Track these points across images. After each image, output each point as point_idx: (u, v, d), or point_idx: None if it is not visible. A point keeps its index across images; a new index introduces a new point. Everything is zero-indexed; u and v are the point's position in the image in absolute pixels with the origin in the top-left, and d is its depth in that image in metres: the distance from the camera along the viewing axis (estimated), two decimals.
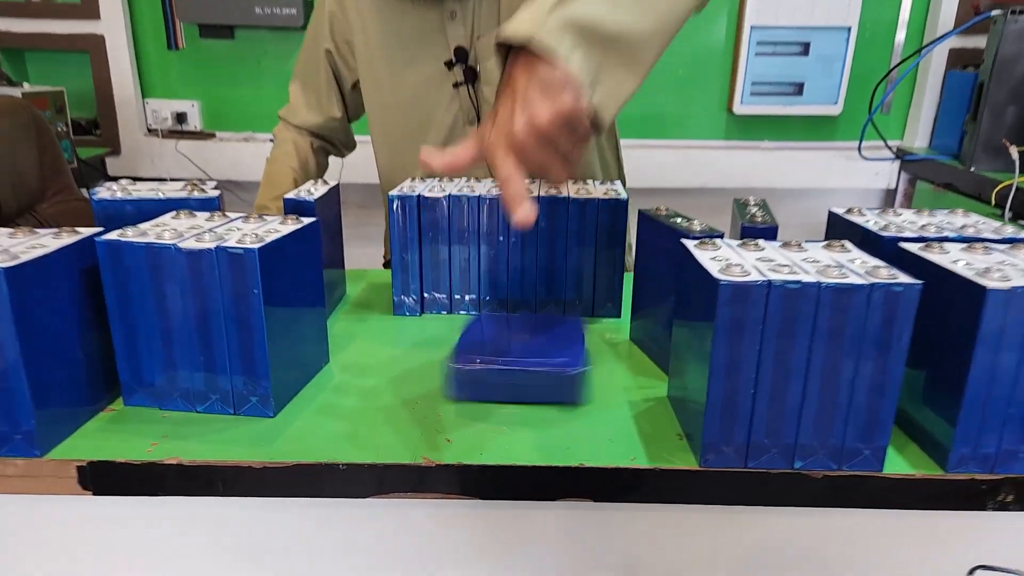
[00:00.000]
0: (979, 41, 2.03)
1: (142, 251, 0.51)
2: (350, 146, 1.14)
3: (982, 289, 0.43)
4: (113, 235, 0.52)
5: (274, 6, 1.90)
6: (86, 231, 0.54)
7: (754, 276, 0.44)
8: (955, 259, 0.49)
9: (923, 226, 0.59)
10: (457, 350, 0.57)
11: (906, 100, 2.23)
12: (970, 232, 0.58)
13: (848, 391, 0.45)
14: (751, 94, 2.14)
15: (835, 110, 2.15)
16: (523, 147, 0.53)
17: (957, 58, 2.11)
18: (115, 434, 0.51)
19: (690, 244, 0.52)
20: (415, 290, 0.76)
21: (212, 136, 2.13)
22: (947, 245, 0.52)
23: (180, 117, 2.11)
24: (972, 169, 1.80)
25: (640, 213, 0.67)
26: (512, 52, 0.56)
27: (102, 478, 0.48)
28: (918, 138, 2.20)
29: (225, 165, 2.08)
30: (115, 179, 0.71)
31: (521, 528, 0.51)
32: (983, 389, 0.45)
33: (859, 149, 1.98)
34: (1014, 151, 1.65)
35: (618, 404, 0.56)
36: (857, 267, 0.47)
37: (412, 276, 0.75)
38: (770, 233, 0.61)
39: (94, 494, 0.48)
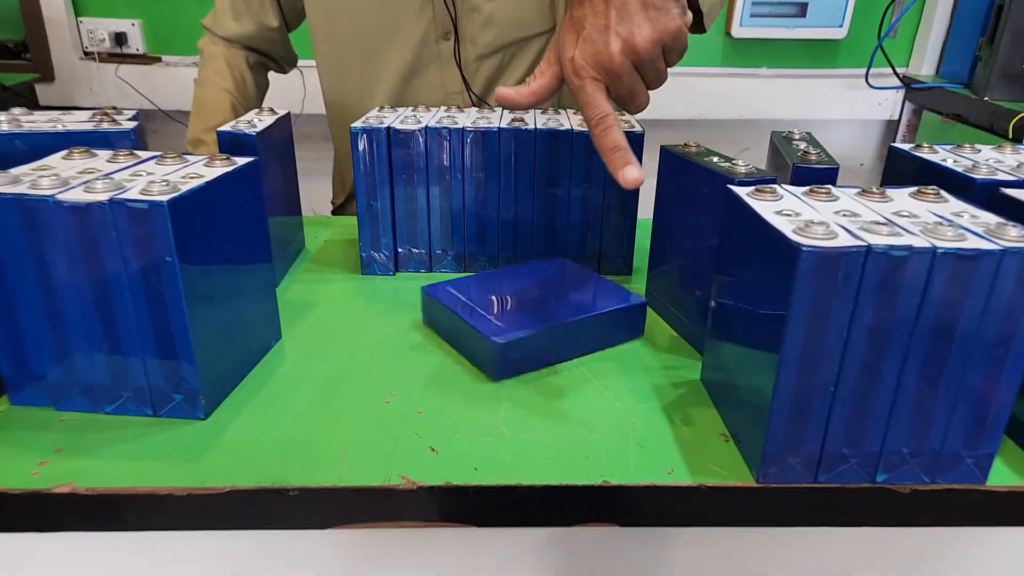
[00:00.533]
0: None
1: (11, 205, 0.38)
2: (291, 60, 0.97)
3: None
4: None
5: None
6: None
7: (844, 239, 0.33)
8: None
9: (1017, 166, 0.48)
10: (478, 325, 0.47)
11: (913, 23, 2.08)
12: None
13: (954, 387, 0.35)
14: (751, 15, 1.97)
15: (840, 33, 1.99)
16: (617, 73, 0.45)
17: None
18: None
19: (742, 192, 0.40)
20: (387, 245, 0.63)
21: (157, 60, 1.90)
22: None
23: (119, 38, 1.87)
24: (986, 98, 1.68)
25: (663, 151, 0.54)
26: None
27: None
28: (924, 64, 2.06)
29: (173, 93, 1.87)
30: (48, 111, 0.56)
31: (531, 562, 0.41)
32: None
33: (866, 77, 1.84)
34: None
35: (642, 392, 0.45)
36: (970, 223, 0.35)
37: (383, 228, 0.62)
38: (830, 176, 0.49)
39: None
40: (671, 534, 0.40)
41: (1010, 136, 1.52)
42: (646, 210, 0.62)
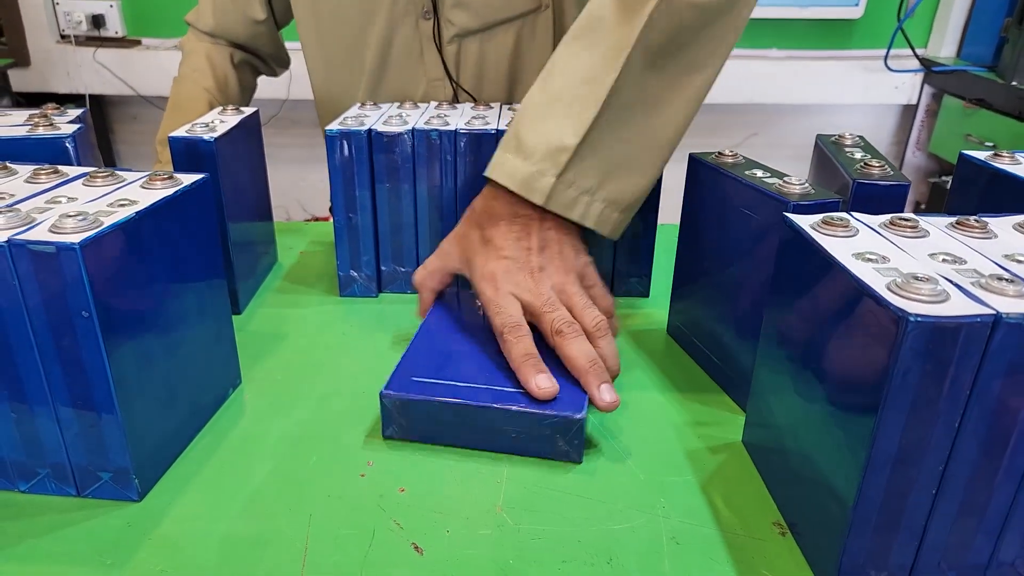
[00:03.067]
0: None
1: None
2: (281, 61, 0.88)
3: None
4: None
5: None
6: None
7: (960, 302, 0.25)
8: None
9: None
10: (398, 367, 0.39)
11: (932, 1, 1.98)
12: None
13: None
14: None
15: (855, 13, 1.89)
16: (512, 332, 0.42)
17: None
18: None
19: (805, 224, 0.32)
20: (369, 263, 0.55)
21: (137, 43, 1.80)
22: None
23: (97, 20, 1.77)
24: (1014, 83, 1.58)
25: (692, 160, 0.46)
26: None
27: None
28: (944, 46, 1.96)
29: (153, 78, 1.77)
30: (21, 97, 0.49)
31: None
32: None
33: (885, 59, 1.75)
34: None
35: (674, 459, 0.38)
36: None
37: (364, 244, 0.54)
38: (900, 196, 0.40)
39: None
40: None
41: None
42: (667, 215, 0.55)
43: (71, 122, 0.49)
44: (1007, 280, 0.26)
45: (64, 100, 1.78)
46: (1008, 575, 0.29)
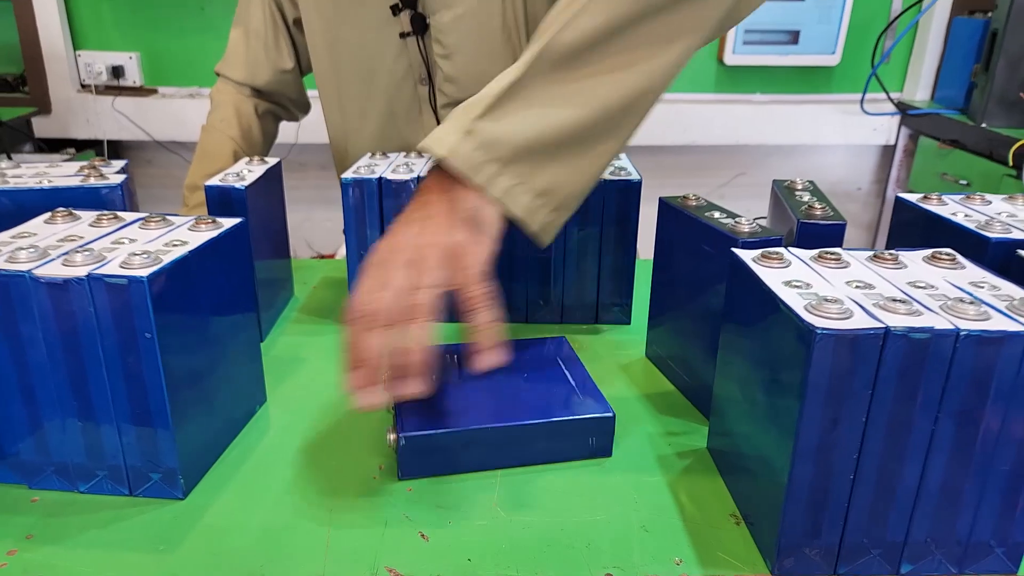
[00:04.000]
0: None
1: None
2: (303, 107, 0.96)
3: None
4: None
5: None
6: None
7: (861, 319, 0.31)
8: None
9: None
10: (400, 412, 0.42)
11: (906, 49, 2.09)
12: None
13: (982, 474, 0.33)
14: (743, 43, 1.97)
15: (832, 60, 2.00)
16: (366, 325, 0.39)
17: (963, 3, 1.96)
18: None
19: (747, 257, 0.38)
20: None
21: (154, 92, 1.90)
22: None
23: (117, 71, 1.87)
24: (983, 125, 1.67)
25: (662, 204, 0.52)
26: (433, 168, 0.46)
27: None
28: (919, 90, 2.07)
29: (169, 124, 1.86)
30: (43, 143, 0.55)
31: None
32: None
33: (861, 103, 1.84)
34: None
35: (646, 463, 0.43)
36: (988, 296, 0.34)
37: None
38: (838, 233, 0.47)
39: None
40: None
41: (1010, 164, 1.52)
42: (644, 251, 0.61)
43: (117, 172, 0.56)
44: (901, 301, 0.32)
45: (83, 146, 1.87)
46: (922, 551, 0.34)
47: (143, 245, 0.40)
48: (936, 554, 0.34)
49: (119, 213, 0.45)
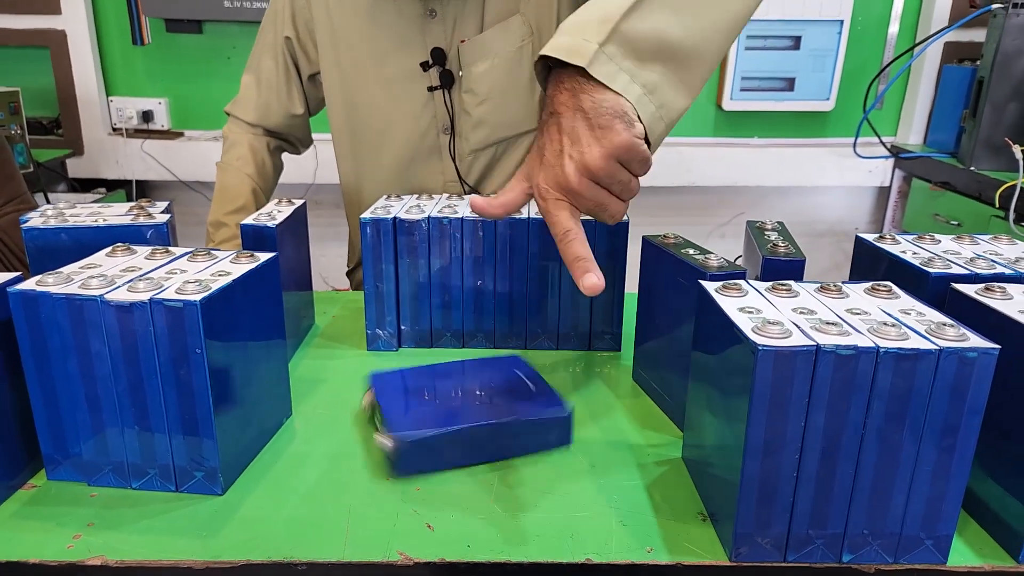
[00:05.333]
0: (975, 35, 1.98)
1: (63, 304, 0.43)
2: (307, 142, 1.04)
3: None
4: (30, 283, 0.44)
5: (244, 0, 1.79)
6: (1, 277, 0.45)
7: (797, 338, 0.37)
8: (1022, 307, 0.42)
9: (971, 259, 0.52)
10: (389, 420, 0.49)
11: (899, 95, 2.18)
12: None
13: (908, 473, 0.38)
14: (741, 90, 2.07)
15: (827, 106, 2.09)
16: (577, 192, 0.48)
17: (953, 52, 2.06)
18: (33, 521, 0.43)
19: (711, 287, 0.45)
20: (391, 323, 0.67)
21: (180, 135, 2.02)
22: (1009, 287, 0.45)
23: (146, 115, 1.99)
24: (972, 168, 1.74)
25: (645, 242, 0.59)
26: (554, 69, 0.50)
27: None
28: (912, 134, 2.15)
29: (193, 164, 1.97)
30: (76, 183, 0.62)
31: None
32: None
33: (854, 147, 1.92)
34: (1017, 150, 1.60)
35: (626, 469, 0.49)
36: (914, 322, 0.40)
37: (388, 307, 0.67)
38: (797, 268, 0.53)
39: None
40: None
41: (996, 204, 1.58)
42: (631, 286, 0.67)
43: (162, 212, 0.64)
44: (834, 324, 0.38)
45: (113, 185, 1.98)
46: (860, 542, 0.39)
47: (193, 275, 0.47)
48: (873, 545, 0.39)
49: (170, 248, 0.52)
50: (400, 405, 0.52)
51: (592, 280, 0.46)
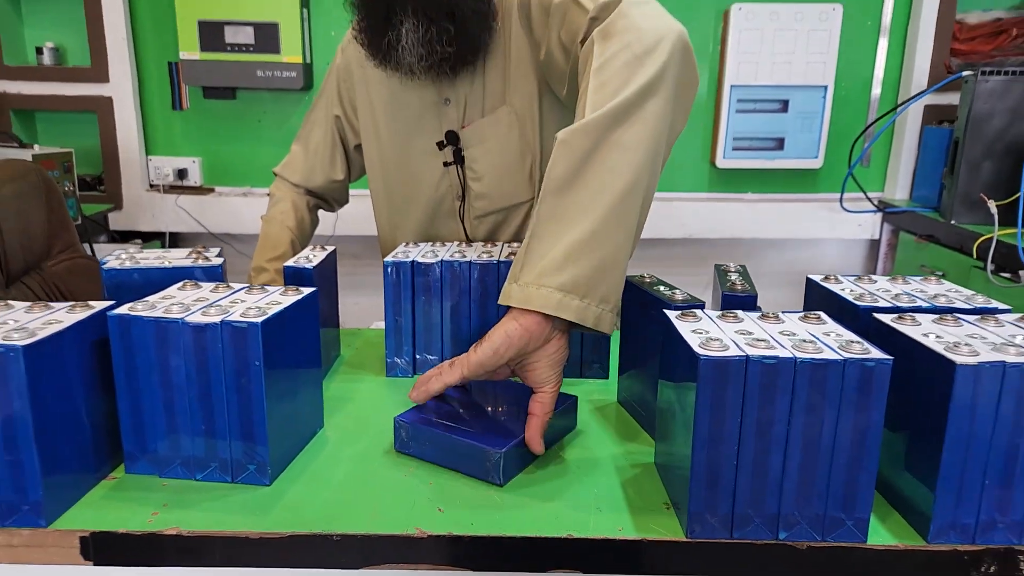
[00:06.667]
0: (953, 98, 2.12)
1: (151, 325, 0.53)
2: (343, 203, 1.18)
3: (951, 364, 0.46)
4: (123, 309, 0.54)
5: (275, 70, 1.97)
6: (98, 305, 0.56)
7: (733, 351, 0.47)
8: (926, 331, 0.51)
9: (897, 295, 0.62)
10: (478, 439, 0.57)
11: (885, 153, 2.31)
12: (942, 302, 0.60)
13: (827, 463, 0.47)
14: (733, 149, 2.21)
15: (816, 164, 2.22)
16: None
17: (932, 114, 2.19)
18: (117, 502, 0.52)
19: (672, 315, 0.55)
20: (407, 352, 0.78)
21: (211, 191, 2.17)
22: (919, 316, 0.54)
23: (181, 173, 2.15)
24: (952, 222, 1.85)
25: (626, 281, 0.69)
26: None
27: (103, 549, 0.49)
28: (899, 190, 2.27)
29: (223, 218, 2.12)
30: (116, 235, 0.74)
31: None
32: (958, 460, 0.47)
33: (840, 202, 2.04)
34: (992, 205, 1.71)
35: (606, 471, 0.58)
36: (831, 341, 0.49)
37: (405, 338, 0.77)
38: (750, 302, 0.63)
39: (94, 564, 0.49)
40: None
41: (974, 256, 1.68)
42: None
43: (216, 256, 0.75)
44: (763, 341, 0.48)
45: (148, 237, 2.12)
46: (792, 522, 0.48)
47: (252, 304, 0.57)
48: (803, 524, 0.48)
49: (230, 284, 0.63)
50: (429, 405, 0.62)
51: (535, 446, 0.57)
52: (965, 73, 1.84)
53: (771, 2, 2.10)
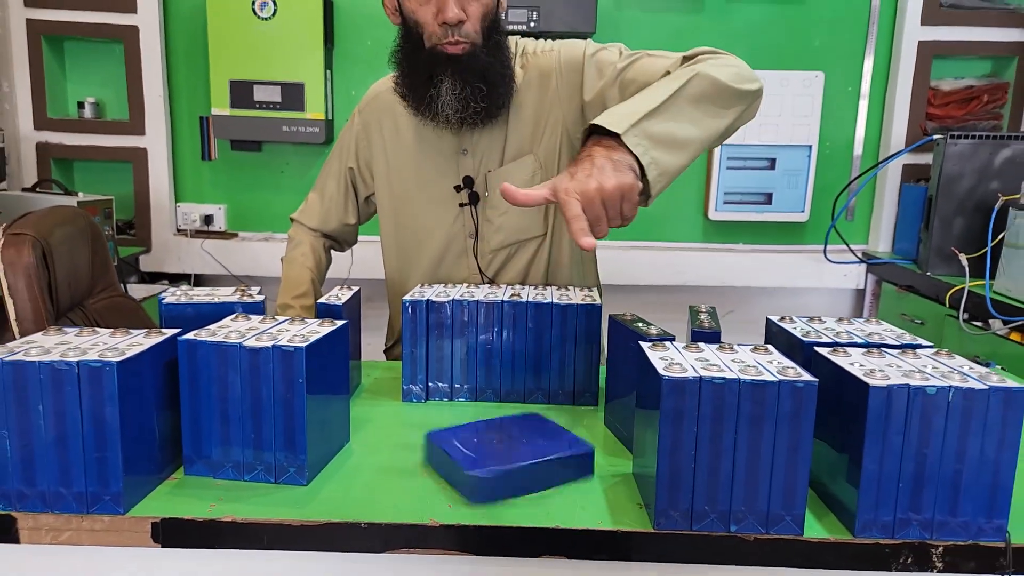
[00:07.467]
0: (928, 158, 2.27)
1: (214, 348, 0.65)
2: (353, 244, 1.32)
3: (866, 386, 0.57)
4: (190, 335, 0.66)
5: (299, 125, 2.14)
6: (169, 332, 0.67)
7: (690, 373, 0.58)
8: (852, 361, 0.62)
9: (839, 333, 0.73)
10: (462, 460, 0.65)
11: (868, 208, 2.45)
12: (875, 339, 0.72)
13: (768, 467, 0.57)
14: (724, 202, 2.35)
15: (802, 217, 2.36)
16: (590, 200, 0.72)
17: (910, 172, 2.34)
18: (179, 497, 0.63)
19: (645, 346, 0.66)
20: (421, 380, 0.88)
21: (235, 236, 2.31)
22: (851, 350, 0.66)
23: (208, 219, 2.30)
24: (928, 273, 1.97)
25: (610, 318, 0.81)
26: (595, 134, 0.79)
27: (171, 534, 0.59)
28: (881, 242, 2.39)
29: (244, 261, 2.25)
30: (146, 275, 0.85)
31: None
32: (875, 467, 0.57)
33: (824, 253, 2.16)
34: (963, 258, 1.83)
35: (592, 481, 0.68)
36: (772, 367, 0.60)
37: (419, 368, 0.88)
38: (714, 337, 0.74)
39: (162, 547, 0.59)
40: (600, 564, 0.61)
41: (947, 304, 1.79)
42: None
43: (258, 294, 0.87)
44: (716, 366, 0.59)
45: (175, 278, 2.26)
46: (741, 517, 0.58)
47: (296, 332, 0.69)
48: (750, 519, 0.58)
49: (274, 317, 0.75)
50: (460, 431, 0.70)
51: (588, 240, 0.71)
52: (936, 136, 1.98)
53: (759, 69, 2.27)
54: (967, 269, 1.80)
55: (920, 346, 0.70)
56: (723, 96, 0.87)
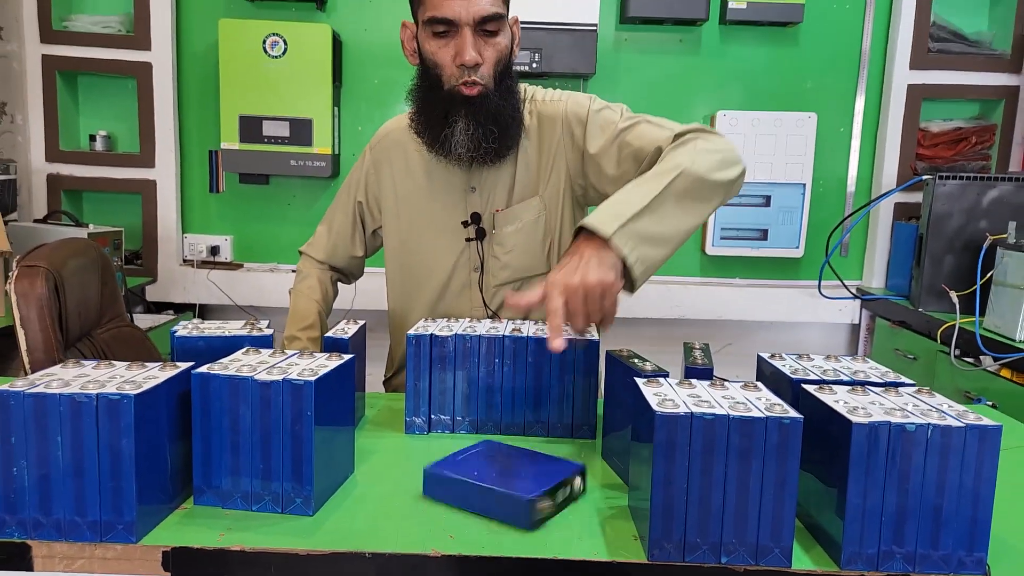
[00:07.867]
0: (920, 197, 2.32)
1: (226, 381, 0.68)
2: (359, 276, 1.35)
3: (849, 423, 0.60)
4: (203, 369, 0.69)
5: (307, 160, 2.19)
6: (183, 365, 0.70)
7: (682, 409, 0.61)
8: (838, 399, 0.65)
9: (826, 371, 0.76)
10: (513, 487, 0.67)
11: (862, 244, 2.50)
12: (860, 377, 0.74)
13: (757, 499, 0.60)
14: (721, 238, 2.40)
15: (797, 253, 2.40)
16: (572, 292, 0.78)
17: (902, 210, 2.39)
18: (189, 526, 0.65)
19: (640, 382, 0.69)
20: (424, 412, 0.91)
21: (240, 266, 2.35)
22: (836, 387, 0.68)
23: (214, 250, 2.34)
24: (920, 309, 2.00)
25: (607, 354, 0.84)
26: (584, 231, 0.84)
27: (181, 562, 0.61)
28: (875, 278, 2.43)
29: (249, 292, 2.28)
30: (152, 305, 0.88)
31: None
32: (859, 501, 0.60)
33: (819, 288, 2.20)
34: (954, 295, 1.87)
35: (588, 511, 0.70)
36: (760, 403, 0.63)
37: (422, 401, 0.91)
38: (707, 373, 0.77)
39: (172, 575, 0.61)
40: None
41: (938, 341, 1.82)
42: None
43: (267, 327, 0.90)
44: (707, 402, 0.62)
45: (180, 308, 2.29)
46: (731, 548, 0.60)
47: (304, 366, 0.72)
48: (740, 551, 0.60)
49: (284, 351, 0.78)
50: (456, 458, 0.74)
51: (558, 343, 0.76)
52: (925, 177, 2.04)
53: (753, 110, 2.34)
54: (957, 306, 1.84)
55: (903, 384, 0.72)
56: (706, 190, 0.93)
